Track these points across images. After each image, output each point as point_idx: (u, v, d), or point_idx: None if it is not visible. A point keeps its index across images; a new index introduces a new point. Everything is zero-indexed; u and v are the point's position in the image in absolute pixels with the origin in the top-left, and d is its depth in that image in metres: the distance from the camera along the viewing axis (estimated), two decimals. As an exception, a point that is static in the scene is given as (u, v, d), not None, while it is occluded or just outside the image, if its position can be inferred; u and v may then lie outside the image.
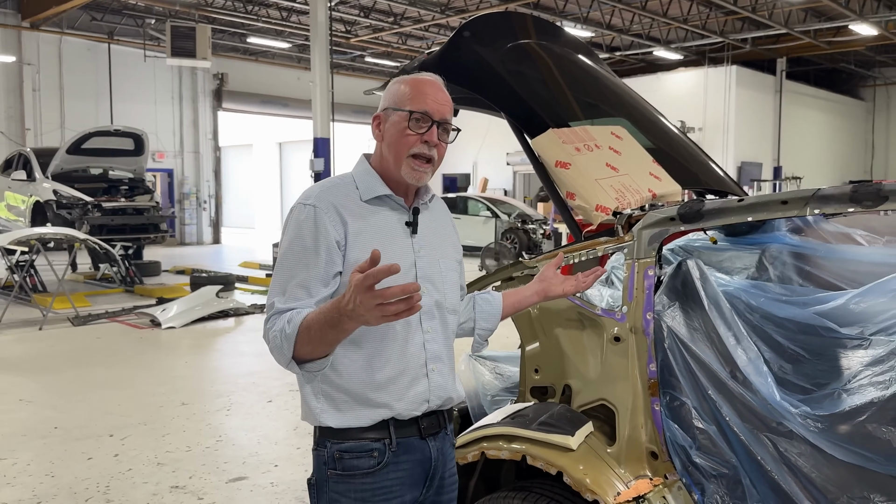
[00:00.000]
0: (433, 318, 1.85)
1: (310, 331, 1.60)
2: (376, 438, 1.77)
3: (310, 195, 1.80)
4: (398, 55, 24.33)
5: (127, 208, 13.16)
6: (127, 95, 20.87)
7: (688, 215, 2.20)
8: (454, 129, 1.87)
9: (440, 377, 1.84)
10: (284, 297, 1.71)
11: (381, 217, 1.82)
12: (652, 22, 20.45)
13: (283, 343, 1.64)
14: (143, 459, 4.73)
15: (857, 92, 29.39)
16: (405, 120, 1.79)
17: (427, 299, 1.81)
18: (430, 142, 1.80)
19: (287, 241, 1.76)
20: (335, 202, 1.77)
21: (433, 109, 1.80)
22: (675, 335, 2.22)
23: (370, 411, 1.76)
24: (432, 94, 1.82)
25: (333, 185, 1.84)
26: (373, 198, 1.82)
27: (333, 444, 1.78)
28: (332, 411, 1.76)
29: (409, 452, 1.81)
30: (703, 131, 22.60)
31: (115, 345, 8.32)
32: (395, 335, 1.77)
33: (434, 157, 1.82)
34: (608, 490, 2.07)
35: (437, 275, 1.87)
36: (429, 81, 1.86)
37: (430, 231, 1.90)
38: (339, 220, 1.75)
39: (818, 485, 1.96)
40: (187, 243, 22.63)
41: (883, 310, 2.17)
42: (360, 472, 1.76)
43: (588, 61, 3.39)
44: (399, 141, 1.80)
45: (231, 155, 31.42)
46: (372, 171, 1.86)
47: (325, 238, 1.73)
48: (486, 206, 18.34)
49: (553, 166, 2.61)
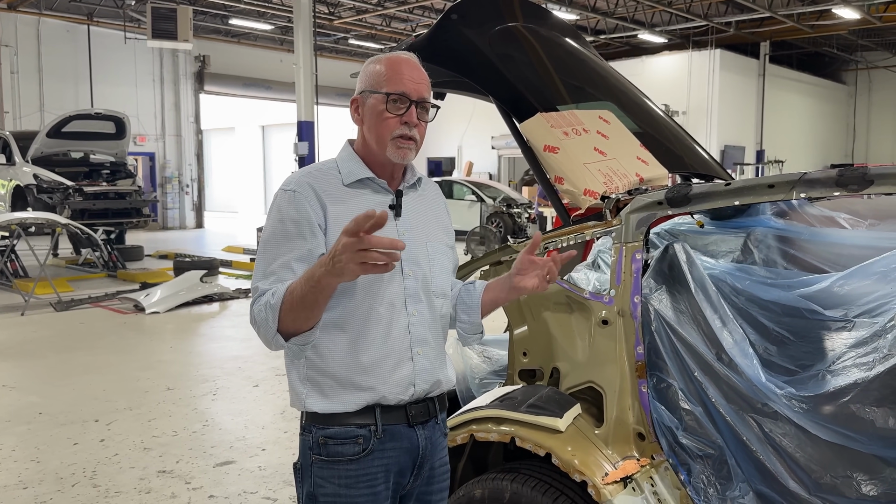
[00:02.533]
0: (419, 301, 1.83)
1: (292, 295, 1.61)
2: (362, 424, 1.76)
3: (290, 181, 1.80)
4: (382, 37, 24.16)
5: (109, 192, 13.04)
6: (107, 78, 20.59)
7: (675, 199, 2.21)
8: (433, 106, 1.85)
9: (426, 360, 1.82)
10: (269, 280, 1.71)
11: (363, 200, 1.80)
12: (637, 5, 20.43)
13: (267, 314, 1.64)
14: (130, 444, 4.72)
15: (839, 76, 29.57)
16: (382, 102, 1.77)
17: (412, 282, 1.81)
18: (409, 122, 1.78)
19: (269, 227, 1.76)
20: (315, 186, 1.77)
21: (410, 89, 1.78)
22: (662, 318, 2.24)
23: (355, 395, 1.75)
24: (408, 74, 1.80)
25: (315, 169, 1.84)
26: (355, 181, 1.81)
27: (319, 429, 1.77)
28: (318, 396, 1.76)
29: (396, 440, 1.79)
30: (687, 115, 22.68)
31: (99, 330, 8.27)
32: (379, 318, 1.76)
33: (416, 136, 1.81)
34: (596, 471, 2.09)
35: (424, 257, 1.85)
36: (404, 60, 1.83)
37: (416, 213, 1.89)
38: (319, 203, 1.75)
39: (802, 464, 2.00)
40: (170, 228, 22.46)
41: (866, 292, 2.20)
42: (345, 459, 1.76)
43: (575, 44, 3.38)
44: (379, 124, 1.79)
45: (213, 138, 31.15)
46: (354, 155, 1.85)
47: (308, 221, 1.73)
48: (472, 190, 18.34)
49: (542, 150, 2.61)
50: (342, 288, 1.69)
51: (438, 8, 20.31)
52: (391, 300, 1.77)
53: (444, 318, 1.92)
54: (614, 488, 2.05)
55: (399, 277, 1.79)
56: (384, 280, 1.76)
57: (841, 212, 2.78)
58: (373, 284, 1.75)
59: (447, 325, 1.94)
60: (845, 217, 2.76)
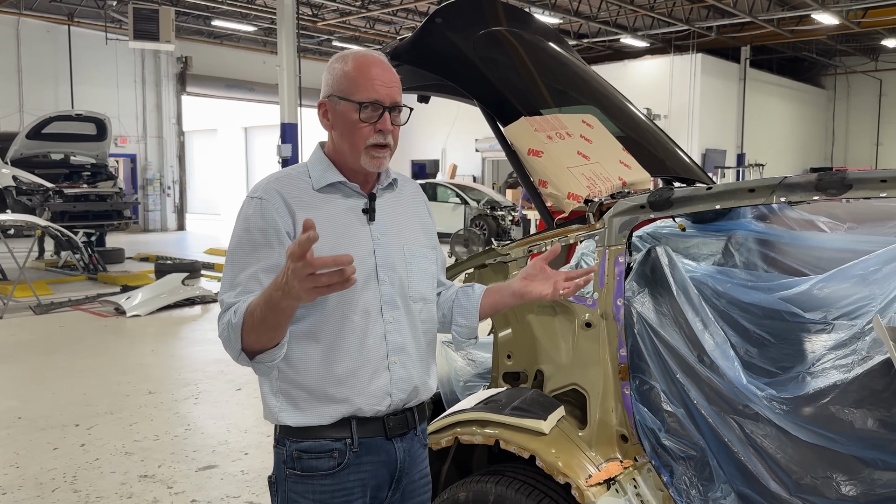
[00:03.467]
0: (395, 307, 1.76)
1: (252, 315, 1.56)
2: (337, 438, 1.71)
3: (258, 188, 1.74)
4: (366, 40, 24.13)
5: (89, 194, 12.92)
6: (88, 79, 20.40)
7: (657, 203, 2.23)
8: (407, 108, 1.79)
9: (403, 370, 1.76)
10: (235, 291, 1.65)
11: (334, 206, 1.74)
12: (619, 9, 20.55)
13: (230, 334, 1.60)
14: (111, 449, 4.68)
15: (818, 80, 29.91)
16: (355, 111, 1.70)
17: (388, 288, 1.75)
18: (384, 130, 1.72)
19: (236, 237, 1.71)
20: (283, 193, 1.71)
21: (383, 95, 1.71)
22: (645, 320, 2.26)
23: (330, 408, 1.70)
24: (379, 78, 1.72)
25: (284, 175, 1.77)
26: (325, 186, 1.75)
27: (292, 442, 1.72)
28: (292, 409, 1.71)
29: (373, 453, 1.74)
30: (669, 118, 22.84)
31: (79, 333, 8.19)
32: (353, 327, 1.70)
33: (390, 142, 1.75)
34: (579, 473, 2.10)
35: (401, 262, 1.79)
36: (373, 62, 1.74)
37: (392, 216, 1.82)
38: (287, 211, 1.69)
39: (783, 465, 2.02)
40: (151, 230, 22.29)
41: (845, 295, 2.23)
42: (320, 474, 1.70)
43: (558, 49, 3.40)
44: (352, 133, 1.72)
45: (195, 140, 30.97)
46: (324, 159, 1.79)
47: (275, 230, 1.67)
48: (455, 193, 18.36)
49: (526, 154, 2.62)
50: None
51: (422, 11, 20.33)
52: (366, 308, 1.71)
53: (425, 324, 1.85)
54: (598, 490, 2.07)
55: (374, 283, 1.73)
56: (357, 288, 1.68)
57: (821, 215, 2.81)
58: (346, 293, 1.65)
59: (431, 331, 1.88)
60: (825, 220, 2.80)
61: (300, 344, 1.68)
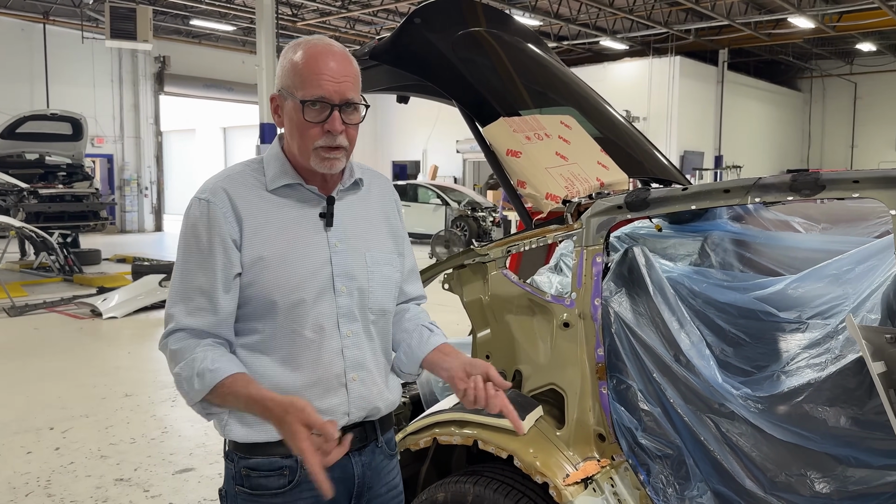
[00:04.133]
0: (353, 320, 1.63)
1: (224, 398, 1.52)
2: (287, 454, 1.57)
3: (206, 187, 1.61)
4: (346, 40, 24.05)
5: (65, 195, 12.77)
6: (64, 78, 20.15)
7: (634, 203, 2.24)
8: (363, 105, 1.60)
9: (362, 387, 1.64)
10: (184, 306, 1.56)
11: (286, 210, 1.61)
12: (599, 12, 20.67)
13: (193, 381, 1.52)
14: (86, 452, 4.62)
15: (794, 83, 30.28)
16: (299, 111, 1.54)
17: (346, 300, 1.62)
18: (332, 131, 1.55)
19: (183, 242, 1.59)
20: (232, 194, 1.58)
21: (330, 92, 1.53)
22: (622, 320, 2.27)
23: None
24: (327, 72, 1.53)
25: (236, 172, 1.64)
26: (280, 187, 1.61)
27: (241, 458, 1.62)
28: (238, 425, 1.59)
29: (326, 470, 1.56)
30: (648, 120, 23.02)
31: (54, 335, 8.08)
32: (307, 342, 1.58)
33: (343, 143, 1.58)
34: (557, 472, 2.11)
35: (361, 271, 1.65)
36: (322, 51, 1.55)
37: (354, 220, 1.68)
38: (234, 215, 1.56)
39: (758, 463, 2.04)
40: (128, 231, 22.05)
41: (819, 294, 2.26)
42: (269, 492, 1.60)
43: (537, 50, 3.41)
44: (298, 134, 1.57)
45: (173, 140, 30.69)
46: (281, 156, 1.64)
47: (220, 237, 1.55)
48: (436, 194, 18.36)
49: (504, 154, 2.62)
50: (262, 310, 1.58)
51: (403, 12, 20.30)
52: (319, 322, 1.59)
53: (383, 336, 1.73)
54: (575, 489, 2.07)
55: (330, 295, 1.61)
56: (308, 301, 1.58)
57: (795, 216, 2.85)
58: (297, 307, 1.57)
59: (389, 343, 1.76)
60: (799, 221, 2.83)
61: (250, 357, 1.59)
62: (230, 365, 1.54)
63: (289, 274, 1.58)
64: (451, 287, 2.62)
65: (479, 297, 2.52)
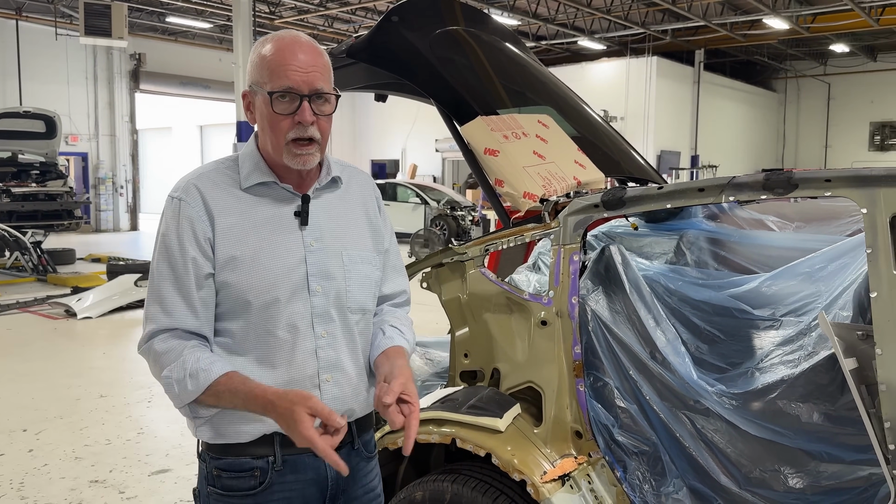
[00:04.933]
0: (330, 320, 1.62)
1: (219, 397, 1.51)
2: (259, 455, 1.58)
3: (179, 185, 1.60)
4: (324, 38, 23.95)
5: (38, 194, 12.58)
6: (37, 75, 19.84)
7: (611, 202, 2.26)
8: (334, 94, 1.59)
9: (336, 388, 1.62)
10: (161, 306, 1.55)
11: (260, 209, 1.59)
12: (576, 12, 20.76)
13: (186, 382, 1.51)
14: (60, 454, 4.56)
15: (769, 84, 30.64)
16: (269, 103, 1.54)
17: (321, 300, 1.60)
18: (303, 122, 1.54)
19: (158, 242, 1.59)
20: (205, 193, 1.57)
21: (298, 82, 1.52)
22: (599, 318, 2.29)
23: (250, 426, 1.57)
24: (294, 63, 1.52)
25: (211, 170, 1.63)
26: (253, 185, 1.60)
27: (213, 459, 1.61)
28: (209, 425, 1.59)
29: (299, 471, 1.61)
30: (625, 120, 23.16)
31: (28, 336, 7.96)
32: (280, 343, 1.57)
33: (315, 135, 1.56)
34: (535, 469, 2.12)
35: (338, 270, 1.63)
36: (289, 43, 1.55)
37: (332, 218, 1.67)
38: (207, 214, 1.55)
39: (733, 459, 2.07)
40: (103, 230, 21.78)
41: (793, 292, 2.30)
42: (240, 493, 1.59)
43: (515, 49, 3.42)
44: (270, 128, 1.56)
45: (149, 138, 30.35)
46: (256, 154, 1.62)
47: (193, 237, 1.54)
48: (416, 193, 18.34)
49: (482, 153, 2.63)
50: (236, 310, 1.57)
51: (381, 10, 20.23)
52: (292, 322, 1.58)
53: (364, 336, 1.71)
54: (552, 486, 2.09)
55: (304, 295, 1.59)
56: (283, 300, 1.57)
57: (769, 214, 2.88)
58: (270, 306, 1.56)
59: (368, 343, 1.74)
60: (773, 220, 2.87)
61: (226, 357, 1.58)
62: (223, 364, 1.54)
63: (262, 273, 1.57)
64: (429, 286, 2.62)
65: (457, 296, 2.53)
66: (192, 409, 1.57)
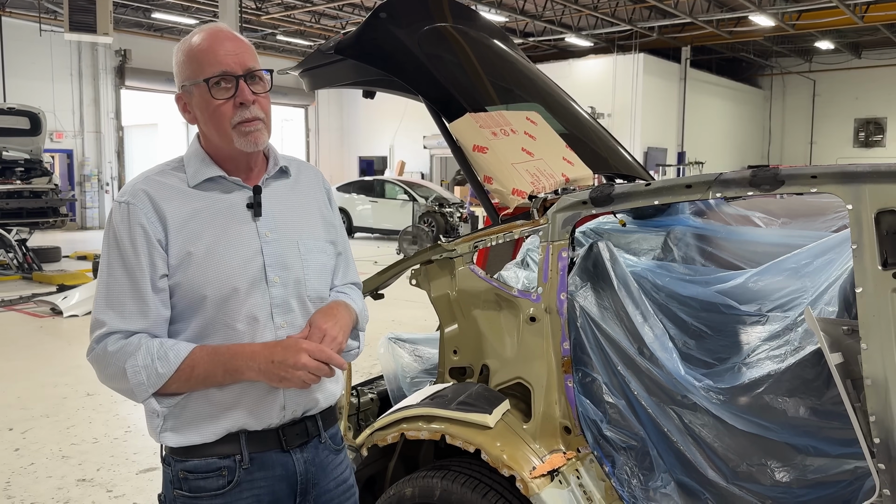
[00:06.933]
0: (289, 310, 1.62)
1: (193, 370, 1.50)
2: (225, 454, 1.58)
3: (126, 190, 1.59)
4: (311, 34, 23.86)
5: (23, 191, 12.46)
6: (21, 71, 19.66)
7: (599, 199, 2.27)
8: (266, 71, 1.62)
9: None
10: (115, 311, 1.53)
11: (211, 203, 1.60)
12: (564, 8, 20.80)
13: (147, 377, 1.49)
14: (47, 453, 4.53)
15: (755, 80, 30.82)
16: (206, 91, 1.56)
17: (280, 290, 1.60)
18: (245, 102, 1.56)
19: (106, 248, 1.57)
20: (153, 194, 1.56)
21: (230, 64, 1.56)
22: (587, 314, 2.30)
23: (214, 425, 1.57)
24: (222, 49, 1.56)
25: (157, 172, 1.63)
26: (202, 182, 1.61)
27: (178, 462, 1.59)
28: (172, 429, 1.58)
29: (267, 468, 1.61)
30: (612, 117, 23.24)
31: (13, 334, 7.90)
32: (239, 335, 1.56)
33: (259, 114, 1.59)
34: (524, 465, 2.13)
35: (295, 259, 1.64)
36: (212, 34, 1.59)
37: (285, 208, 1.67)
38: (157, 215, 1.55)
39: (720, 453, 2.08)
40: (89, 227, 21.64)
41: (779, 288, 2.31)
42: (208, 494, 1.58)
43: (503, 46, 3.42)
44: (213, 116, 1.57)
45: (135, 135, 30.10)
46: (201, 152, 1.63)
47: (144, 239, 1.54)
48: (404, 190, 18.31)
49: (471, 150, 2.63)
50: (193, 306, 1.56)
51: (368, 6, 20.18)
52: (252, 314, 1.57)
53: None
54: (541, 482, 2.09)
55: (263, 286, 1.59)
56: (241, 293, 1.56)
57: (756, 211, 2.90)
58: (228, 300, 1.56)
59: None
60: (760, 216, 2.88)
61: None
62: (188, 344, 1.55)
63: (218, 267, 1.57)
64: (418, 283, 2.62)
65: (446, 293, 2.53)
66: (158, 400, 1.55)
